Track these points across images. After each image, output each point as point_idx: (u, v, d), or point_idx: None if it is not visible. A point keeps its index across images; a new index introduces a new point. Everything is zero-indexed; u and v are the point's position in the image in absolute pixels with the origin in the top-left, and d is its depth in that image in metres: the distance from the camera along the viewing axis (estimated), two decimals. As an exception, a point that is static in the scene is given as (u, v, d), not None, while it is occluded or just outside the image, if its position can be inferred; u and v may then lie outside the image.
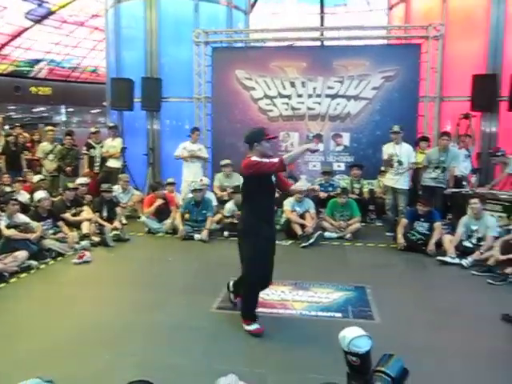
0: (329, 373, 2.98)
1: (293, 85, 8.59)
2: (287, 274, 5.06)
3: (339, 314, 4.03)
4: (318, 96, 8.54)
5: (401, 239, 6.15)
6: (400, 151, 6.82)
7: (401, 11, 10.50)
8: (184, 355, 3.30)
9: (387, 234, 6.86)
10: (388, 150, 6.96)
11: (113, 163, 8.68)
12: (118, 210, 7.13)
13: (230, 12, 10.32)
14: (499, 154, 7.06)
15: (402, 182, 6.85)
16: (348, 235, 6.74)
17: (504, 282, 4.85)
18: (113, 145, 8.75)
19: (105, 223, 6.71)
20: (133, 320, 3.93)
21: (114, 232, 6.63)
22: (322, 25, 17.79)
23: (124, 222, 7.37)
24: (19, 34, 19.36)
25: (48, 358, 3.23)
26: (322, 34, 10.40)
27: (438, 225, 6.08)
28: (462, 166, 7.41)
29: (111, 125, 9.24)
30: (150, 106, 9.50)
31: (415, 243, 6.08)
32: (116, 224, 6.81)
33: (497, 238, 5.60)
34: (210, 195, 7.36)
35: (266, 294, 4.45)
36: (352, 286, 4.74)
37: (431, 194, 6.70)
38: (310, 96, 8.56)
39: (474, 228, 5.82)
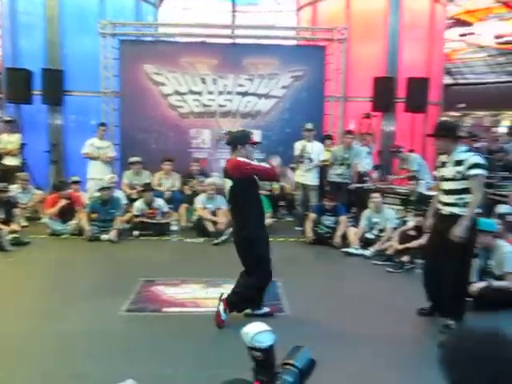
0: (241, 368, 3.02)
1: (204, 81, 8.53)
2: (199, 271, 5.06)
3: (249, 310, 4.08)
4: (229, 93, 8.58)
5: (309, 233, 6.40)
6: (312, 149, 7.05)
7: (308, 13, 10.88)
8: (90, 363, 3.13)
9: (296, 228, 7.10)
10: (300, 147, 7.16)
11: (10, 161, 8.04)
12: (17, 211, 6.61)
13: (139, 4, 10.01)
14: (400, 150, 7.62)
15: (312, 179, 7.10)
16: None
17: (402, 270, 5.25)
18: (10, 140, 8.09)
19: (1, 226, 6.18)
20: (33, 329, 3.65)
21: (13, 235, 6.13)
22: (233, 23, 17.90)
23: (24, 223, 6.84)
24: None
25: None
26: (233, 32, 10.46)
27: (343, 218, 6.40)
28: (365, 163, 7.86)
29: (8, 119, 8.53)
30: (52, 100, 8.91)
31: (323, 236, 6.36)
32: (14, 226, 6.31)
33: (395, 229, 6.03)
34: (118, 193, 7.09)
35: (176, 293, 4.41)
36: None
37: (337, 190, 7.04)
38: (220, 93, 8.56)
39: (375, 220, 6.21)
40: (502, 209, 6.00)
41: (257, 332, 1.43)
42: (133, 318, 3.91)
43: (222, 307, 3.69)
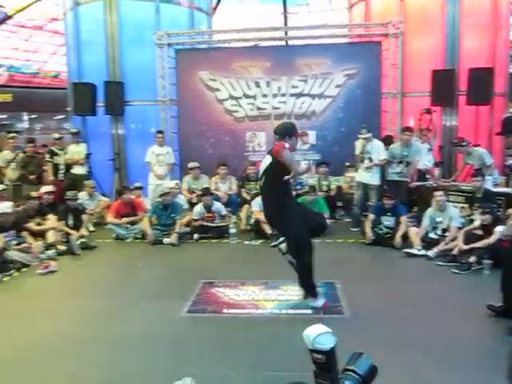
0: (302, 371, 3.00)
1: (257, 85, 8.62)
2: (257, 273, 5.09)
3: (309, 311, 4.05)
4: (283, 95, 8.61)
5: (369, 233, 6.25)
6: (371, 148, 6.89)
7: (361, 10, 10.66)
8: (152, 363, 3.24)
9: (352, 229, 6.97)
10: (360, 146, 7.02)
11: (77, 170, 8.51)
12: (85, 217, 6.98)
13: (192, 14, 10.26)
14: (464, 143, 7.26)
15: (373, 178, 6.91)
16: (317, 232, 6.80)
17: (468, 271, 4.99)
18: (76, 151, 8.57)
19: (71, 231, 6.56)
20: (99, 329, 3.84)
21: (81, 240, 6.49)
22: (285, 24, 17.91)
23: (91, 229, 7.22)
24: (-26, 39, 18.77)
25: (10, 369, 3.13)
26: (286, 34, 10.46)
27: (403, 218, 6.19)
28: (425, 160, 7.58)
29: (74, 131, 9.04)
30: (114, 111, 9.33)
31: (382, 237, 6.19)
32: (82, 231, 6.67)
33: (460, 228, 5.76)
34: (179, 198, 7.30)
35: (236, 295, 4.46)
36: (322, 281, 4.77)
37: (396, 188, 6.83)
38: (274, 95, 8.61)
39: (439, 220, 5.96)
40: None
41: (318, 334, 1.41)
42: (193, 319, 4.00)
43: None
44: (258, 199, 6.86)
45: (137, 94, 9.33)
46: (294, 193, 7.50)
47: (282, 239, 6.29)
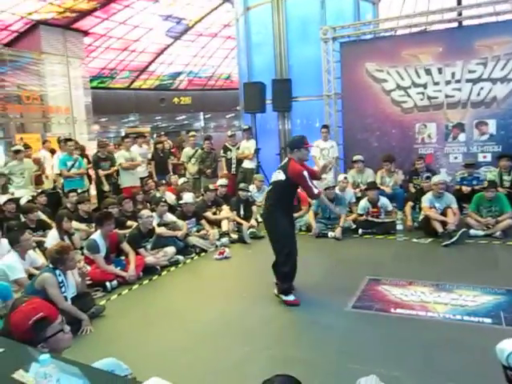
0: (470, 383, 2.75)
1: (428, 72, 8.04)
2: (427, 274, 4.80)
3: (489, 320, 3.66)
4: (458, 82, 7.86)
5: None
6: None
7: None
8: (317, 352, 3.32)
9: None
10: None
11: (247, 164, 9.09)
12: (254, 208, 7.44)
13: (357, 4, 10.07)
14: None
15: None
16: (498, 233, 6.09)
17: None
18: (247, 146, 9.16)
19: (242, 221, 7.06)
20: (269, 314, 4.08)
21: (251, 230, 6.94)
22: (458, 4, 16.31)
23: (259, 219, 7.67)
24: (162, 51, 21.37)
25: (196, 343, 3.53)
26: (459, 14, 9.54)
27: None
28: None
29: (245, 127, 9.62)
30: (281, 107, 9.73)
31: None
32: (252, 222, 7.12)
33: None
34: (347, 192, 7.29)
35: (403, 295, 4.28)
36: (503, 289, 4.28)
37: None
38: (448, 83, 7.92)
39: None
40: None
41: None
42: (359, 315, 3.96)
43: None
44: (429, 194, 6.45)
45: (303, 89, 9.58)
46: (468, 189, 6.93)
47: (454, 238, 5.85)
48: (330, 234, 6.63)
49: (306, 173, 4.19)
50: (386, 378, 2.84)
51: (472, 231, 6.20)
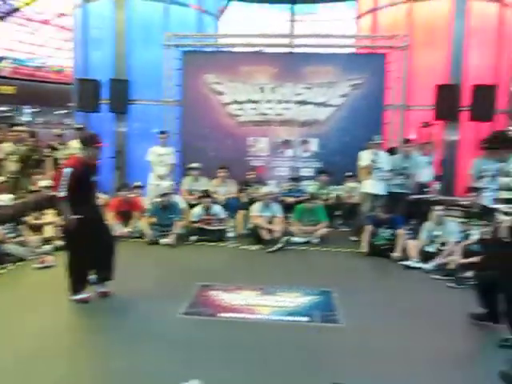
0: (295, 374, 3.01)
1: (262, 90, 8.64)
2: (254, 278, 5.11)
3: (305, 318, 4.06)
4: (287, 102, 8.63)
5: (365, 245, 6.26)
6: (379, 158, 6.90)
7: (368, 21, 10.73)
8: (149, 364, 3.24)
9: (351, 238, 6.98)
10: (367, 156, 6.93)
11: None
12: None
13: (200, 16, 10.31)
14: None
15: (382, 189, 6.88)
16: (315, 240, 6.83)
17: (463, 286, 5.00)
18: (77, 147, 8.53)
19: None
20: (97, 325, 3.86)
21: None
22: (292, 32, 17.96)
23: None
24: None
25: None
26: (291, 41, 10.51)
27: (400, 232, 6.17)
28: (425, 173, 7.59)
29: (79, 126, 9.02)
30: (118, 108, 9.35)
31: (380, 248, 6.20)
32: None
33: (458, 242, 5.78)
34: (176, 199, 7.30)
35: (232, 299, 4.46)
36: (318, 290, 4.80)
37: (395, 200, 6.83)
38: (279, 102, 8.63)
39: (437, 233, 5.97)
40: None
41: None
42: (190, 321, 4.00)
43: None
44: (258, 204, 6.88)
45: (142, 93, 9.37)
46: (293, 200, 7.62)
47: (279, 245, 6.37)
48: (163, 240, 6.57)
49: (69, 171, 4.21)
50: (216, 380, 2.94)
51: (294, 238, 6.81)
